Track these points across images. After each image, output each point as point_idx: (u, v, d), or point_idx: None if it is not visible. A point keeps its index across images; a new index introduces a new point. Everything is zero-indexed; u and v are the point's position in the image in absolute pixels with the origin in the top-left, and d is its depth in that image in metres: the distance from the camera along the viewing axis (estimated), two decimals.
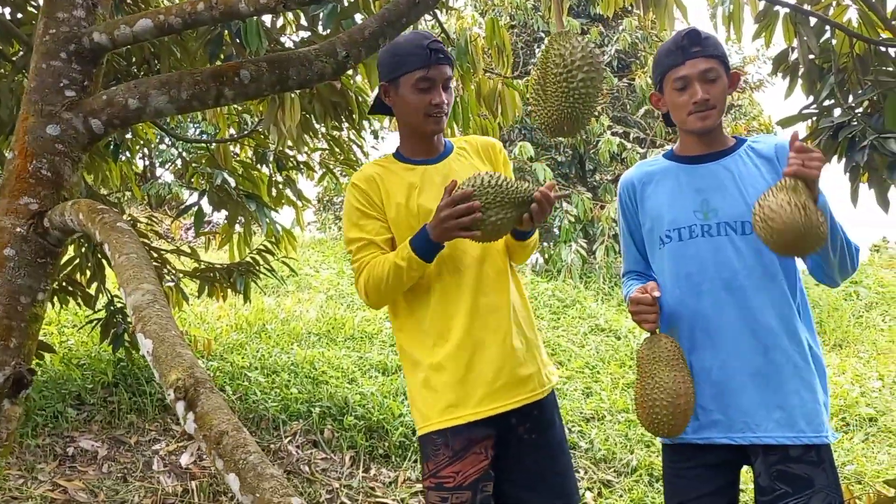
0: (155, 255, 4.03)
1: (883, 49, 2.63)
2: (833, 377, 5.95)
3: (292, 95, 3.33)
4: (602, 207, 9.98)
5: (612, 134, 10.53)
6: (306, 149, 4.39)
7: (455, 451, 1.93)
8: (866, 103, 2.68)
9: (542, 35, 11.23)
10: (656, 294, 1.89)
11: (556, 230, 9.97)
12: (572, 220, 9.83)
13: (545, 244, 10.16)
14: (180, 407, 1.09)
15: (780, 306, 1.90)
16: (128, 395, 3.98)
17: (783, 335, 1.89)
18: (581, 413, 4.83)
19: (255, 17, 2.85)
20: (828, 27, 2.69)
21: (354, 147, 4.60)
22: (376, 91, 2.11)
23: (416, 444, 3.90)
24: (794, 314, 1.91)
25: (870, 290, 8.82)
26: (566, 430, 4.39)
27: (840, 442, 4.77)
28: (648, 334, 1.92)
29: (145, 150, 11.14)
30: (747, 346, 1.89)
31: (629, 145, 10.39)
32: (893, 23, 2.49)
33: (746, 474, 2.66)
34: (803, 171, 1.69)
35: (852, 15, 2.78)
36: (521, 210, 1.84)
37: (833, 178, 1.89)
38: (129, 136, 4.15)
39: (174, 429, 3.87)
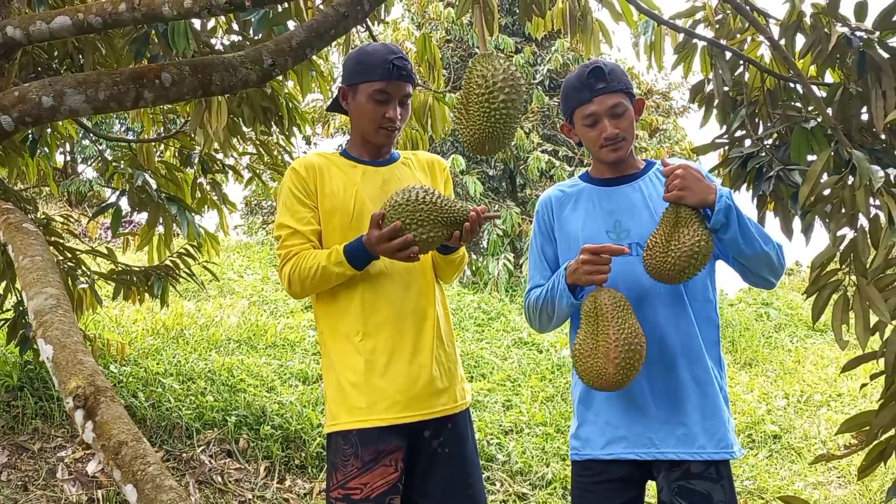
0: (69, 255, 3.89)
1: (791, 84, 2.77)
2: (742, 395, 6.18)
3: (219, 98, 3.28)
4: (531, 222, 10.15)
5: (542, 151, 10.73)
6: (234, 153, 4.33)
7: (364, 462, 1.93)
8: (775, 135, 2.82)
9: (478, 51, 11.36)
10: (625, 250, 1.85)
11: (484, 244, 10.08)
12: (500, 233, 9.97)
13: (473, 257, 10.25)
14: (79, 415, 1.07)
15: (687, 325, 1.98)
16: (33, 399, 3.82)
17: (689, 353, 1.97)
18: (500, 425, 4.88)
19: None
20: (742, 61, 2.82)
21: (284, 154, 4.55)
22: (336, 88, 2.14)
23: None
24: (700, 333, 1.99)
25: (780, 312, 9.21)
26: (485, 443, 4.46)
27: (745, 458, 4.96)
28: (594, 288, 1.86)
29: (67, 146, 10.75)
30: (653, 363, 1.95)
31: (558, 163, 10.60)
32: (800, 62, 2.63)
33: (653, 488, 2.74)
34: (666, 197, 1.84)
35: (765, 51, 2.92)
36: (453, 228, 1.87)
37: (744, 205, 1.98)
38: (48, 130, 4.01)
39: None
